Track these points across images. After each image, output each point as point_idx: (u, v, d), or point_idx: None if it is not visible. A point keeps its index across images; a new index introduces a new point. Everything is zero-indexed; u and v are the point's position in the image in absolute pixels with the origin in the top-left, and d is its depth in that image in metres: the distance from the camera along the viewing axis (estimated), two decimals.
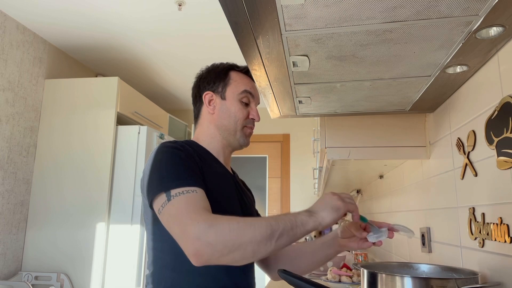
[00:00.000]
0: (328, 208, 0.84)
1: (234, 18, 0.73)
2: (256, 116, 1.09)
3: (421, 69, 0.95)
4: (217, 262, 0.76)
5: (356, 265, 1.00)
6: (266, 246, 0.77)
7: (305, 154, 4.14)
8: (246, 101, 1.08)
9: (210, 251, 0.74)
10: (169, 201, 0.82)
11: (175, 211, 0.81)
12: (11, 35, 2.44)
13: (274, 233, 0.77)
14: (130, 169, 2.58)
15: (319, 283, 0.89)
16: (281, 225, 0.79)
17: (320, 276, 1.72)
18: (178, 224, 0.79)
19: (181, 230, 0.78)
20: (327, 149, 1.44)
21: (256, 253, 0.77)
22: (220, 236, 0.75)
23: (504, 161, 0.85)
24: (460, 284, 0.78)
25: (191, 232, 0.76)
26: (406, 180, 1.71)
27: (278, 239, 0.78)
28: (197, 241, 0.75)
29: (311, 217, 0.82)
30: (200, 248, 0.74)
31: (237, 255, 0.76)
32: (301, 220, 0.81)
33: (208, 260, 0.75)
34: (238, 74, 1.11)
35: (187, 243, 0.76)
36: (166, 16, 2.39)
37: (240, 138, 1.08)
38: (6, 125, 2.39)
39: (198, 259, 0.75)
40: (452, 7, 0.68)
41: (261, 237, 0.76)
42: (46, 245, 2.50)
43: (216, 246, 0.74)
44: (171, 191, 0.83)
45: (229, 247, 0.75)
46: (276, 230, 0.78)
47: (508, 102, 0.84)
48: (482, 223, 0.95)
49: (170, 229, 0.82)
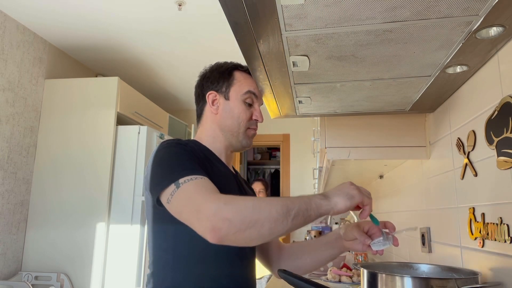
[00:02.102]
0: (343, 195, 0.83)
1: (234, 18, 0.73)
2: (259, 117, 1.08)
3: (421, 69, 0.95)
4: (233, 238, 0.75)
5: (356, 265, 1.00)
6: (282, 224, 0.76)
7: (305, 154, 4.14)
8: (250, 102, 1.08)
9: (227, 226, 0.73)
10: (178, 188, 0.82)
11: (186, 195, 0.80)
12: (11, 35, 2.44)
13: (290, 212, 0.77)
14: (130, 169, 2.58)
15: (319, 283, 0.89)
16: (296, 205, 0.78)
17: (320, 276, 1.72)
18: (191, 205, 0.78)
19: (195, 210, 0.77)
20: (327, 149, 1.44)
21: (273, 231, 0.76)
22: (237, 212, 0.74)
23: (504, 161, 0.85)
24: (460, 284, 0.78)
25: (206, 209, 0.75)
26: (406, 180, 1.71)
27: (294, 218, 0.77)
28: (214, 217, 0.74)
29: (324, 200, 0.81)
30: (217, 223, 0.73)
31: (254, 232, 0.75)
32: (316, 203, 0.80)
33: (225, 235, 0.74)
34: (242, 74, 1.10)
35: (202, 221, 0.75)
36: (166, 16, 2.39)
37: (243, 140, 1.07)
38: (6, 125, 2.39)
39: (215, 234, 0.73)
40: (452, 7, 0.68)
41: (277, 215, 0.76)
42: (46, 245, 2.50)
43: (233, 221, 0.73)
44: (179, 180, 0.83)
45: (247, 223, 0.74)
46: (291, 209, 0.77)
47: (508, 102, 0.84)
48: (482, 223, 0.95)
49: (181, 213, 0.81)
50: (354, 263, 1.94)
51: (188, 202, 0.79)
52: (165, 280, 0.92)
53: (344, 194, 0.83)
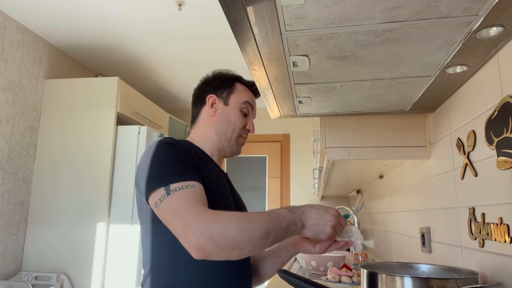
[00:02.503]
0: (316, 229, 0.88)
1: (234, 18, 0.73)
2: (252, 128, 1.14)
3: (421, 69, 0.95)
4: (216, 256, 0.78)
5: (356, 265, 1.00)
6: (261, 247, 0.81)
7: (305, 154, 4.14)
8: (246, 112, 1.13)
9: (212, 246, 0.76)
10: (168, 195, 0.83)
11: (175, 206, 0.82)
12: (11, 35, 2.44)
13: (269, 236, 0.81)
14: (130, 169, 2.58)
15: (319, 283, 0.89)
16: (276, 230, 0.82)
17: (320, 276, 1.72)
18: (178, 218, 0.80)
19: (183, 225, 0.79)
20: (327, 149, 1.44)
21: (252, 252, 0.81)
22: (223, 233, 0.77)
23: (504, 161, 0.85)
24: (460, 284, 0.78)
25: (193, 227, 0.77)
26: (406, 180, 1.71)
27: (272, 242, 0.82)
28: (200, 236, 0.76)
29: (299, 228, 0.87)
30: (203, 243, 0.76)
31: (236, 252, 0.78)
32: (292, 230, 0.86)
33: (209, 254, 0.76)
34: (243, 87, 1.15)
35: (188, 237, 0.77)
36: (166, 16, 2.39)
37: (234, 146, 1.12)
38: (6, 125, 2.39)
39: (199, 253, 0.76)
40: (452, 7, 0.68)
41: (259, 239, 0.79)
42: (46, 245, 2.50)
43: (219, 242, 0.76)
44: (170, 185, 0.84)
45: (230, 245, 0.77)
46: (271, 234, 0.81)
47: (508, 102, 0.84)
48: (482, 223, 0.95)
49: (169, 222, 0.83)
50: (354, 263, 1.94)
51: (176, 214, 0.81)
52: (161, 278, 0.92)
53: (318, 233, 0.89)
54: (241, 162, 4.26)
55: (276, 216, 0.83)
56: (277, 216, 0.83)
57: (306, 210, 0.88)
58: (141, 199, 0.95)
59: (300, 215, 0.87)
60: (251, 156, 4.28)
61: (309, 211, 0.88)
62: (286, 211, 0.86)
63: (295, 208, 0.88)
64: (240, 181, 4.17)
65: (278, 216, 0.83)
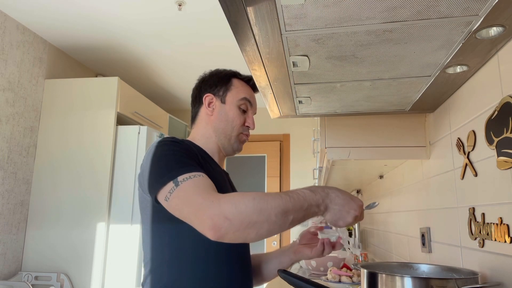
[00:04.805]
0: (340, 214, 0.84)
1: (234, 18, 0.73)
2: (251, 124, 1.12)
3: (421, 69, 0.95)
4: (233, 237, 0.77)
5: (356, 265, 1.00)
6: (280, 227, 0.79)
7: (305, 154, 4.14)
8: (244, 108, 1.11)
9: (227, 225, 0.75)
10: (177, 187, 0.83)
11: (186, 194, 0.82)
12: (11, 35, 2.44)
13: (288, 217, 0.79)
14: (130, 169, 2.58)
15: (319, 283, 0.89)
16: (296, 210, 0.80)
17: (320, 276, 1.72)
18: (191, 204, 0.80)
19: (196, 209, 0.79)
20: (327, 149, 1.44)
21: (271, 231, 0.78)
22: (237, 212, 0.76)
23: (504, 161, 0.85)
24: (460, 284, 0.78)
25: (207, 208, 0.77)
26: (406, 180, 1.71)
27: (291, 223, 0.80)
28: (215, 216, 0.76)
29: (321, 210, 0.83)
30: (218, 222, 0.75)
31: (253, 232, 0.77)
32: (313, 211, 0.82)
33: (225, 233, 0.76)
34: (240, 82, 1.13)
35: (203, 219, 0.77)
36: (166, 16, 2.39)
37: (234, 144, 1.10)
38: (6, 125, 2.39)
39: (215, 232, 0.76)
40: (452, 7, 0.68)
41: (276, 219, 0.78)
42: (46, 245, 2.50)
43: (233, 222, 0.75)
44: (177, 178, 0.84)
45: (246, 224, 0.76)
46: (290, 213, 0.79)
47: (508, 102, 0.84)
48: (482, 223, 0.95)
49: (181, 212, 0.82)
50: (354, 263, 1.94)
51: (188, 201, 0.80)
52: (162, 278, 0.92)
53: (339, 218, 0.85)
54: (240, 161, 4.26)
55: (296, 196, 0.81)
56: (297, 196, 0.81)
57: (332, 192, 0.85)
58: (144, 198, 0.95)
59: (324, 197, 0.84)
60: (250, 155, 4.28)
61: (335, 194, 0.85)
62: (308, 192, 0.83)
63: (318, 188, 0.85)
64: (239, 180, 4.17)
65: (298, 196, 0.81)
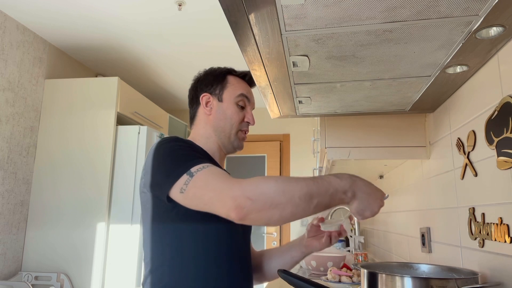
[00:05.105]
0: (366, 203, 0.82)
1: (234, 18, 0.73)
2: (251, 119, 1.11)
3: (421, 69, 0.95)
4: (256, 217, 0.76)
5: (356, 265, 1.00)
6: (304, 210, 0.78)
7: (305, 154, 4.14)
8: (242, 105, 1.10)
9: (250, 204, 0.75)
10: (192, 177, 0.83)
11: (204, 181, 0.82)
12: (11, 35, 2.44)
13: (312, 200, 0.78)
14: (130, 169, 2.58)
15: (319, 283, 0.89)
16: (321, 195, 0.79)
17: (320, 276, 1.72)
18: (211, 188, 0.80)
19: (218, 192, 0.79)
20: (327, 149, 1.44)
21: (294, 214, 0.78)
22: (259, 193, 0.76)
23: (504, 161, 0.85)
24: (460, 284, 0.78)
25: (229, 189, 0.77)
26: (406, 180, 1.71)
27: (316, 206, 0.79)
28: (237, 196, 0.76)
29: (348, 197, 0.81)
30: (240, 202, 0.75)
31: (276, 213, 0.76)
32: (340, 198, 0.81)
33: (248, 213, 0.76)
34: (236, 79, 1.12)
35: (225, 200, 0.77)
36: (166, 16, 2.39)
37: (234, 141, 1.09)
38: (6, 125, 2.39)
39: (238, 213, 0.76)
40: (452, 7, 0.68)
41: (300, 201, 0.77)
42: (46, 245, 2.50)
43: (256, 201, 0.76)
44: (191, 169, 0.84)
45: (268, 204, 0.76)
46: (315, 197, 0.78)
47: (508, 102, 0.84)
48: (482, 223, 0.95)
49: (201, 198, 0.82)
50: (354, 263, 1.94)
51: (208, 186, 0.81)
52: (163, 278, 0.92)
53: (367, 207, 0.83)
54: (240, 161, 4.26)
55: (321, 180, 0.80)
56: (321, 181, 0.80)
57: (359, 180, 0.83)
58: (147, 199, 0.95)
59: (351, 183, 0.81)
60: (250, 155, 4.28)
61: (362, 182, 0.83)
62: (334, 178, 0.81)
63: (345, 175, 0.83)
64: None
65: (323, 181, 0.80)
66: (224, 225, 0.95)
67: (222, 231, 0.94)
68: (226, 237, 0.95)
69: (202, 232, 0.92)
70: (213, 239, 0.93)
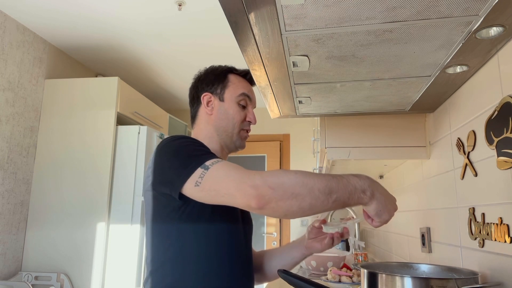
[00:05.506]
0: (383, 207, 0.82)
1: (234, 18, 0.73)
2: (253, 119, 1.10)
3: (421, 69, 0.95)
4: (275, 206, 0.77)
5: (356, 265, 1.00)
6: (323, 203, 0.78)
7: (305, 154, 4.14)
8: (244, 104, 1.09)
9: (271, 193, 0.76)
10: (207, 170, 0.82)
11: (221, 172, 0.81)
12: (11, 35, 2.44)
13: (332, 195, 0.78)
14: (130, 169, 2.58)
15: (319, 283, 0.89)
16: (340, 191, 0.79)
17: (320, 276, 1.72)
18: (230, 179, 0.80)
19: (237, 182, 0.79)
20: (327, 149, 1.44)
21: (313, 207, 0.78)
22: (280, 183, 0.77)
23: (504, 161, 0.85)
24: (460, 284, 0.78)
25: (249, 179, 0.78)
26: (406, 180, 1.71)
27: (335, 201, 0.79)
28: (258, 185, 0.76)
29: (367, 197, 0.81)
30: (262, 190, 0.76)
31: (295, 203, 0.77)
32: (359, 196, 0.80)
33: (268, 201, 0.76)
34: (237, 77, 1.11)
35: (245, 190, 0.77)
36: (166, 16, 2.39)
37: (237, 141, 1.09)
38: (6, 125, 2.39)
39: (259, 201, 0.76)
40: (452, 7, 0.68)
41: (319, 193, 0.77)
42: (46, 245, 2.50)
43: (277, 190, 0.76)
44: (205, 163, 0.84)
45: (289, 194, 0.76)
46: (334, 192, 0.78)
47: (508, 102, 0.84)
48: (482, 223, 0.95)
49: (217, 190, 0.81)
50: (354, 263, 1.94)
51: (226, 177, 0.80)
52: (165, 278, 0.92)
53: (385, 208, 0.82)
54: (240, 161, 4.26)
55: (340, 178, 0.80)
56: (341, 178, 0.80)
57: (376, 182, 0.82)
58: (152, 198, 0.94)
59: (370, 184, 0.81)
60: (250, 155, 4.28)
61: (379, 184, 0.82)
62: (353, 176, 0.81)
63: (362, 175, 0.82)
64: None
65: (343, 179, 0.80)
66: (226, 226, 0.95)
67: (224, 232, 0.94)
68: (228, 237, 0.95)
69: (204, 233, 0.92)
70: (215, 239, 0.93)
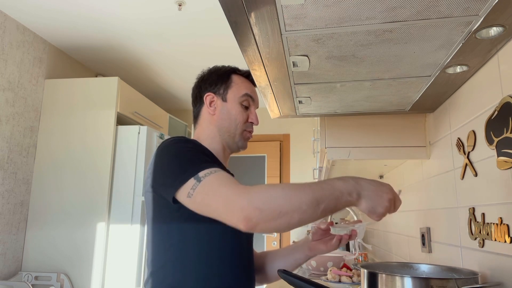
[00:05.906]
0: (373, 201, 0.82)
1: (234, 18, 0.73)
2: (255, 120, 1.10)
3: (421, 69, 0.95)
4: (264, 226, 0.77)
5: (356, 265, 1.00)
6: (311, 216, 0.78)
7: (305, 154, 4.14)
8: (247, 105, 1.09)
9: (258, 215, 0.76)
10: (200, 182, 0.82)
11: (211, 187, 0.81)
12: (11, 35, 2.44)
13: (319, 205, 0.78)
14: (130, 169, 2.58)
15: (319, 283, 0.89)
16: (326, 199, 0.79)
17: (320, 276, 1.72)
18: (219, 197, 0.80)
19: (225, 201, 0.79)
20: (327, 149, 1.44)
21: (302, 221, 0.78)
22: (267, 202, 0.76)
23: (504, 161, 0.85)
24: (460, 284, 0.78)
25: (237, 200, 0.77)
26: (406, 180, 1.71)
27: (323, 211, 0.79)
28: (245, 207, 0.76)
29: (354, 199, 0.81)
30: (249, 213, 0.76)
31: (284, 221, 0.77)
32: (346, 200, 0.81)
33: (256, 223, 0.76)
34: (240, 78, 1.11)
35: (234, 211, 0.77)
36: (166, 16, 2.39)
37: (239, 141, 1.09)
38: (6, 125, 2.39)
39: (247, 224, 0.76)
40: (452, 7, 0.68)
41: (307, 207, 0.77)
42: (46, 245, 2.50)
43: (264, 211, 0.76)
44: (198, 174, 0.84)
45: (277, 213, 0.76)
46: (321, 202, 0.78)
47: (508, 102, 0.84)
48: (482, 223, 0.95)
49: (208, 206, 0.82)
50: (354, 263, 1.94)
51: (216, 194, 0.80)
52: (167, 278, 0.92)
53: (376, 203, 0.83)
54: (240, 161, 4.26)
55: (326, 185, 0.80)
56: (326, 185, 0.80)
57: (361, 180, 0.83)
58: (152, 199, 0.94)
59: (354, 185, 0.82)
60: (250, 155, 4.28)
61: (364, 181, 0.83)
62: (338, 181, 0.82)
63: (348, 177, 0.83)
64: (239, 180, 4.16)
65: (328, 186, 0.80)
66: (227, 226, 0.95)
67: (225, 232, 0.94)
68: (229, 238, 0.95)
69: (206, 233, 0.92)
70: (216, 240, 0.93)
